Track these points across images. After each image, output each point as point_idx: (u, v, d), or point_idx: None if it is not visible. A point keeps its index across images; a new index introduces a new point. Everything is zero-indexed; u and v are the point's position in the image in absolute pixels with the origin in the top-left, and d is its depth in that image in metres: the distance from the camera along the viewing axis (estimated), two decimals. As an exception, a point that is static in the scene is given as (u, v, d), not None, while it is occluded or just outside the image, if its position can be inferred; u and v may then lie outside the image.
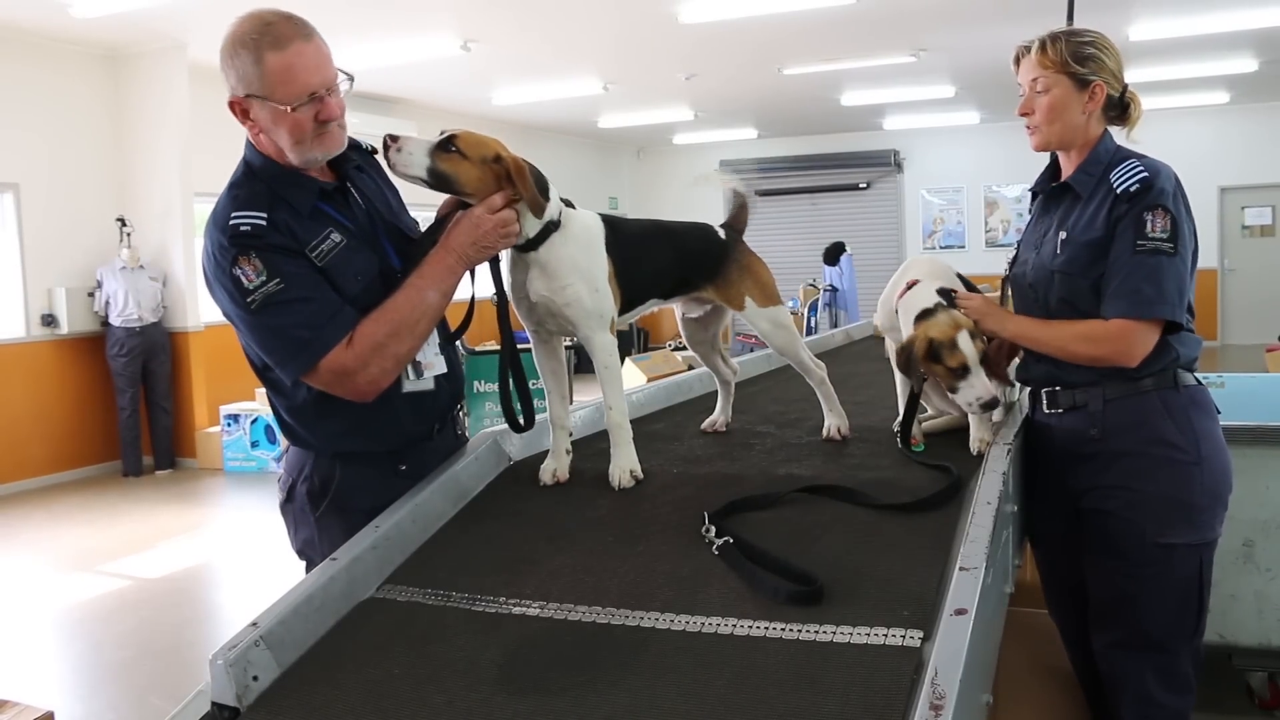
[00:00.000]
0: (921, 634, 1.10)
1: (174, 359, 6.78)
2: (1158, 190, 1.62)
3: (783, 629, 1.14)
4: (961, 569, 1.17)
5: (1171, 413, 1.67)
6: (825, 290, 9.08)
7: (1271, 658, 2.28)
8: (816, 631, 1.13)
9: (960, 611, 1.07)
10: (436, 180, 1.48)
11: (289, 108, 1.41)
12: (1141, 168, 1.65)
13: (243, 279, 1.42)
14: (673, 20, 6.42)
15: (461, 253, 1.50)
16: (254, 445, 6.66)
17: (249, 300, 1.42)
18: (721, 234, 1.82)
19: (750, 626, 1.16)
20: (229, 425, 6.70)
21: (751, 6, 6.13)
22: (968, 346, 1.66)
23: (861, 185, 12.27)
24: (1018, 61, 1.75)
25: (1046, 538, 1.92)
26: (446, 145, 1.47)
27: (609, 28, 6.77)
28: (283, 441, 1.69)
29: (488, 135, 1.52)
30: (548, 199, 1.54)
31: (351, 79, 1.49)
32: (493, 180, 1.49)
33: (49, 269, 6.43)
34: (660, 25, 6.59)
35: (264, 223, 1.43)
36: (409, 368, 1.56)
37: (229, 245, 1.43)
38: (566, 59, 7.71)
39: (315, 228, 1.48)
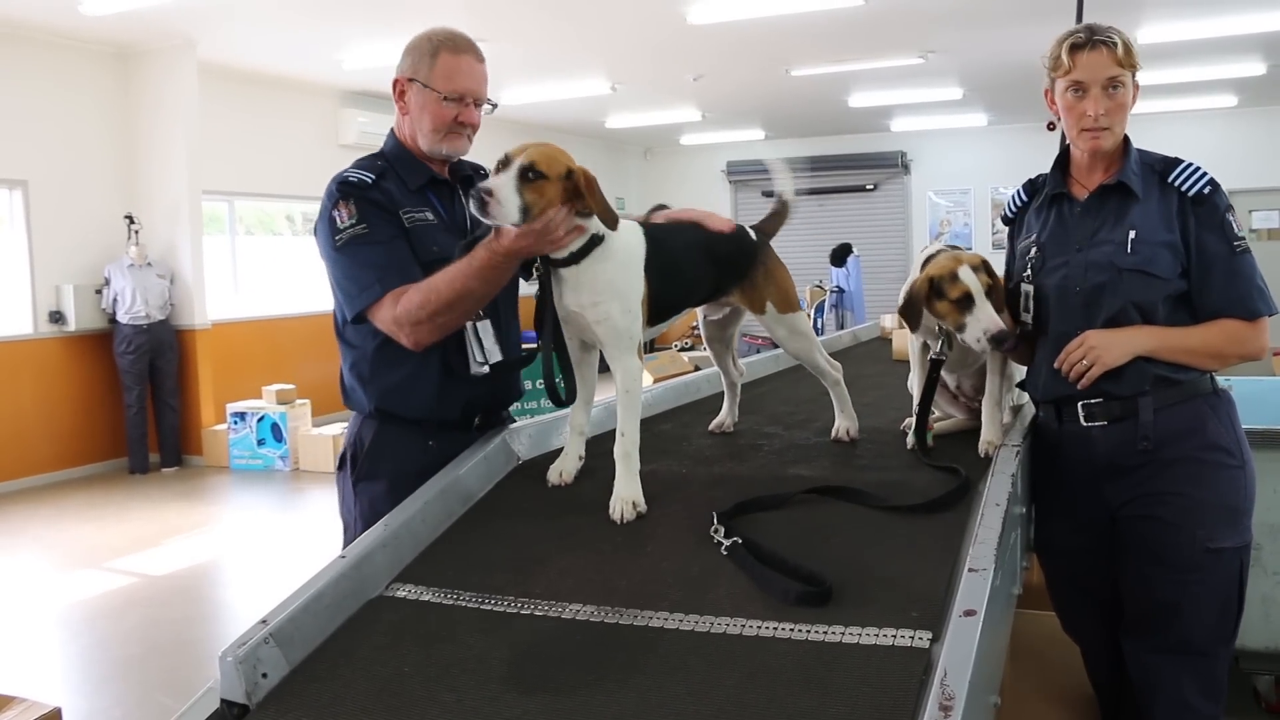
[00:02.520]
0: (930, 635, 1.10)
1: (181, 357, 6.79)
2: (1222, 190, 1.65)
3: (791, 629, 1.15)
4: (970, 570, 1.17)
5: (1219, 417, 1.68)
6: (832, 291, 9.07)
7: (1278, 661, 2.27)
8: (825, 632, 1.13)
9: (969, 613, 1.07)
10: (526, 216, 1.43)
11: (440, 95, 1.67)
12: (1202, 169, 1.66)
13: (337, 219, 1.65)
14: (681, 21, 6.42)
15: (506, 252, 1.51)
16: (260, 443, 6.68)
17: (337, 238, 1.64)
18: (753, 235, 1.81)
19: (759, 627, 1.16)
20: (235, 423, 6.72)
21: (760, 8, 6.12)
22: (969, 277, 1.64)
23: (869, 187, 12.23)
24: (1075, 51, 1.64)
25: (1067, 553, 1.84)
26: (526, 174, 1.42)
27: (617, 28, 6.77)
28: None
29: (555, 147, 1.48)
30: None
31: (494, 106, 1.79)
32: (565, 197, 1.46)
33: (57, 266, 6.45)
34: (668, 26, 6.59)
35: (370, 180, 1.67)
36: (476, 350, 1.69)
37: (335, 191, 1.67)
38: (574, 59, 7.71)
39: (416, 201, 1.70)
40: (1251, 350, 1.67)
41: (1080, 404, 1.71)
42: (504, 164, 1.46)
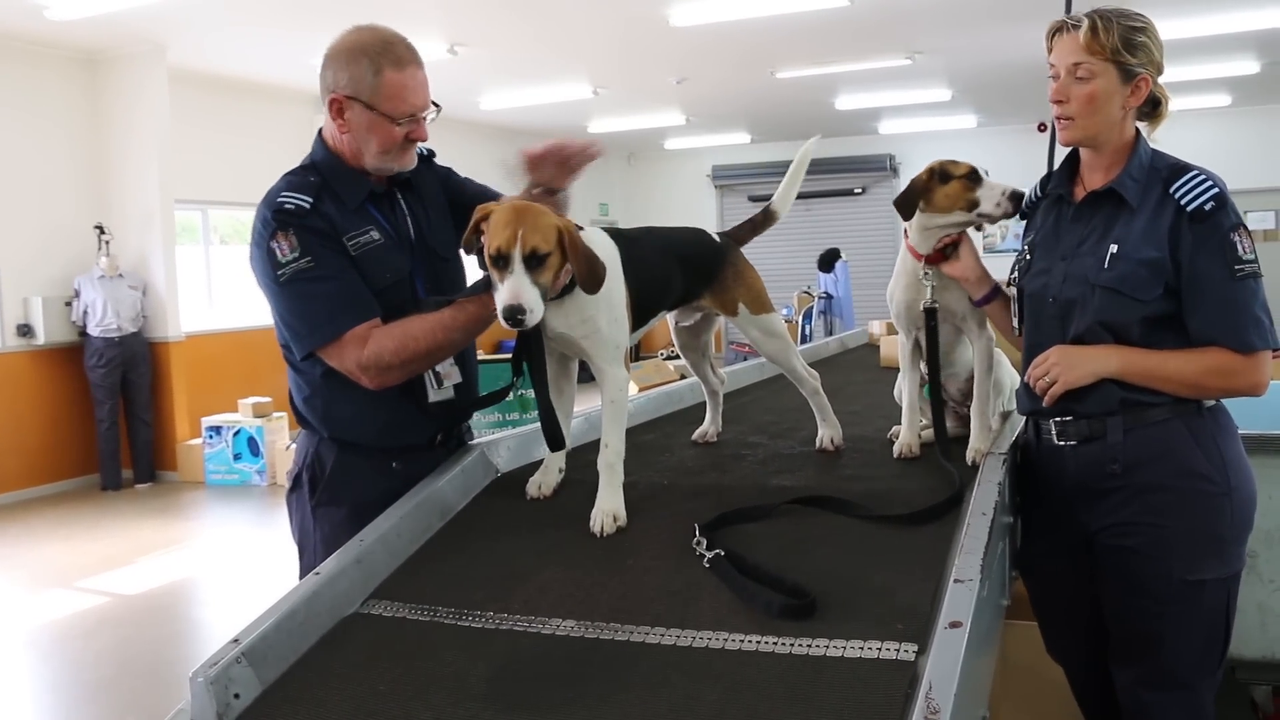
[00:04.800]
0: (916, 647, 1.09)
1: (154, 370, 6.68)
2: (1231, 206, 1.50)
3: (775, 643, 1.13)
4: (956, 581, 1.16)
5: (1199, 440, 1.55)
6: (820, 298, 9.06)
7: (1275, 671, 2.20)
8: (809, 645, 1.12)
9: (955, 624, 1.06)
10: (546, 295, 1.40)
11: (392, 121, 1.55)
12: (1210, 182, 1.51)
13: (277, 252, 1.52)
14: (663, 23, 6.40)
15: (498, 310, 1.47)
16: (236, 458, 6.58)
17: (279, 273, 1.52)
18: (716, 238, 1.82)
19: (742, 641, 1.15)
20: (211, 437, 6.62)
21: (743, 9, 6.11)
22: (968, 161, 1.70)
23: (857, 190, 12.18)
24: (1052, 37, 1.56)
25: (1048, 574, 1.77)
26: (532, 262, 1.37)
27: (599, 30, 6.75)
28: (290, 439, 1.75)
29: (528, 207, 1.41)
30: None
31: (439, 109, 1.64)
32: (565, 257, 1.41)
33: (25, 278, 6.33)
34: (651, 28, 6.57)
35: (307, 206, 1.54)
36: (431, 379, 1.64)
37: (271, 219, 1.54)
38: (555, 62, 7.69)
39: (358, 222, 1.59)
40: (1241, 385, 1.53)
41: (1052, 421, 1.63)
42: (502, 258, 1.36)
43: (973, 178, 1.69)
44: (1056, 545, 1.72)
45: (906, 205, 1.74)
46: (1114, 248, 1.54)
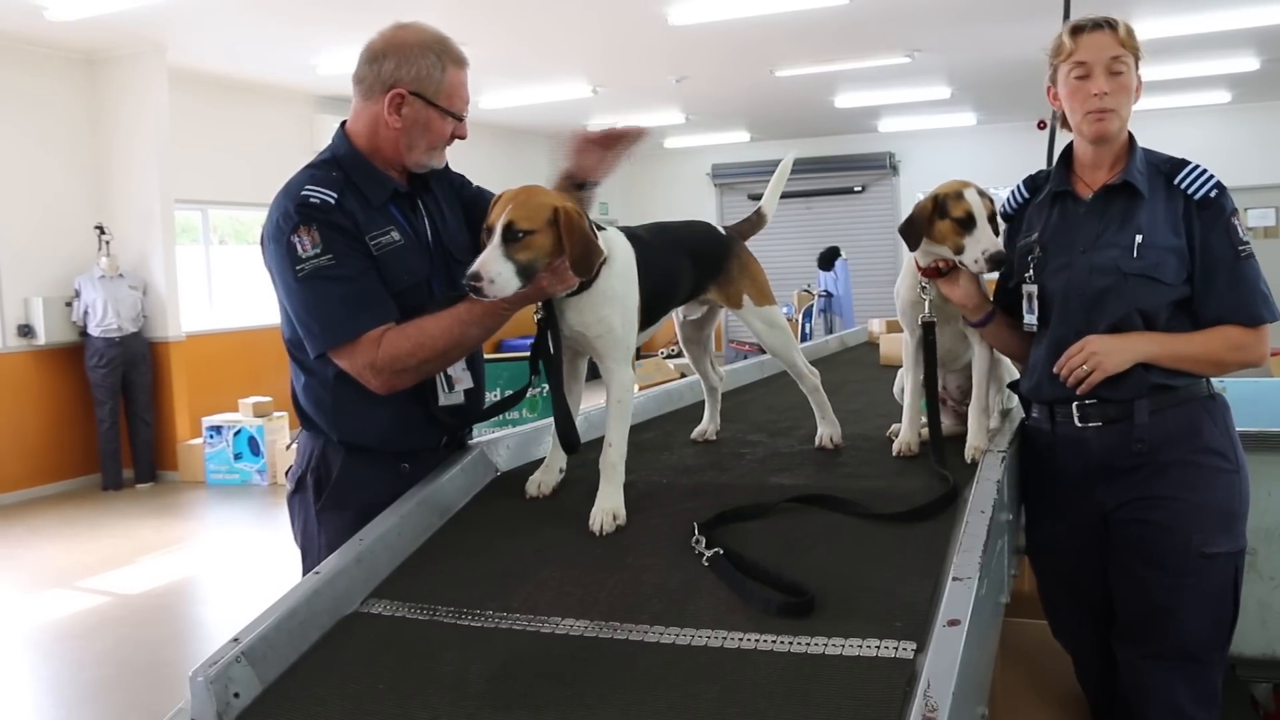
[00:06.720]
0: (914, 645, 1.09)
1: (155, 370, 6.69)
2: (1228, 194, 1.64)
3: (773, 641, 1.13)
4: (955, 579, 1.16)
5: (1215, 420, 1.67)
6: (820, 296, 9.06)
7: (1276, 669, 2.22)
8: (808, 644, 1.12)
9: (953, 622, 1.06)
10: (529, 278, 1.39)
11: (452, 116, 1.58)
12: (1208, 172, 1.64)
13: (298, 247, 1.49)
14: (662, 22, 6.40)
15: (512, 300, 1.45)
16: (237, 457, 6.58)
17: (298, 268, 1.49)
18: (722, 230, 1.84)
19: (740, 639, 1.15)
20: (211, 437, 6.62)
21: (742, 7, 6.10)
22: (974, 198, 1.66)
23: (856, 189, 12.13)
24: (1077, 34, 1.64)
25: (1058, 556, 1.81)
26: (510, 236, 1.37)
27: (597, 30, 6.75)
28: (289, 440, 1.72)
29: (533, 188, 1.42)
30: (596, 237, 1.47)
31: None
32: (558, 240, 1.40)
33: (25, 278, 6.33)
34: (649, 27, 6.57)
35: (333, 201, 1.52)
36: (443, 382, 1.62)
37: (294, 212, 1.50)
38: (554, 62, 7.69)
39: (380, 221, 1.57)
40: (1253, 357, 1.65)
41: (1075, 405, 1.68)
42: (488, 231, 1.40)
43: (965, 223, 1.66)
44: (1068, 527, 1.76)
45: (910, 236, 1.73)
46: (1140, 237, 1.63)
